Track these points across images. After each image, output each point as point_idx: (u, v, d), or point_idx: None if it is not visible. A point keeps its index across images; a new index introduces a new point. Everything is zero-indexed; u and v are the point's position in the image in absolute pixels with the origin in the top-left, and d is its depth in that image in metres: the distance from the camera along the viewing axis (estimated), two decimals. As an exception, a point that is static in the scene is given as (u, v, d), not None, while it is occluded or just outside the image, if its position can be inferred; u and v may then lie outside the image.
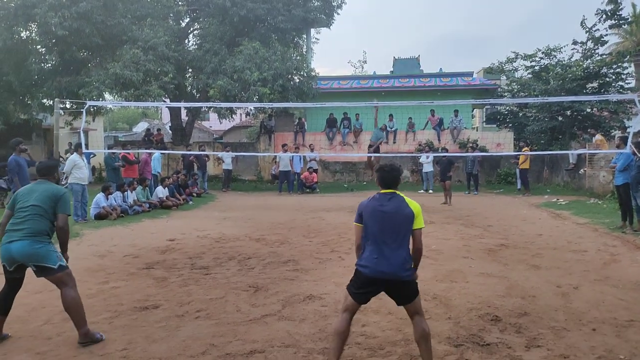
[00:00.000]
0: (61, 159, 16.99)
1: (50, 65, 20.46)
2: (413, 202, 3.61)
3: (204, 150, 20.07)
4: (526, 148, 17.81)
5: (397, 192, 3.67)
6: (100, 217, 11.31)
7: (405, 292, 3.55)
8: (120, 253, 7.83)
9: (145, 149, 18.06)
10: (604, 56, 20.42)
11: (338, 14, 23.04)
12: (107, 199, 11.77)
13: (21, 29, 19.48)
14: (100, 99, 18.68)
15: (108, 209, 11.50)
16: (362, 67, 43.61)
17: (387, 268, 3.44)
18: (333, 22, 23.28)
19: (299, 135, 22.55)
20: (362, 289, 3.54)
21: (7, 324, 4.58)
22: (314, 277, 6.30)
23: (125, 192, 12.65)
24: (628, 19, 22.98)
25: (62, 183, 18.13)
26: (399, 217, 3.53)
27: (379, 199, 3.64)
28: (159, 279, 6.23)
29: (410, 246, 3.61)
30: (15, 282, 4.28)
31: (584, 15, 20.50)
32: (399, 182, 3.72)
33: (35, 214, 4.14)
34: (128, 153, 14.69)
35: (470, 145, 19.58)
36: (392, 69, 28.26)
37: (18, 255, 4.05)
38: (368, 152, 16.09)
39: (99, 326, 4.51)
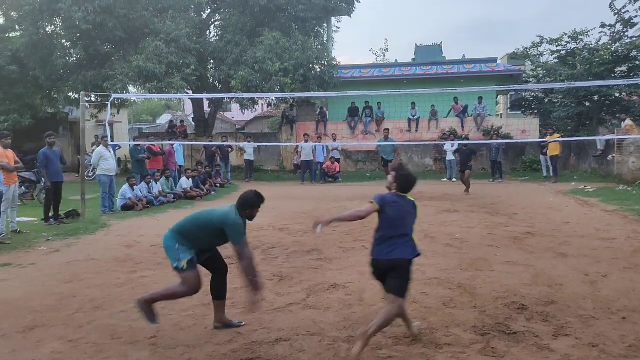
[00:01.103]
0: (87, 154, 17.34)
1: (75, 59, 20.83)
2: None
3: (226, 141, 20.22)
4: (557, 135, 17.41)
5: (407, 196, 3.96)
6: (126, 208, 11.52)
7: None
8: (147, 243, 7.96)
9: (169, 140, 18.28)
10: (634, 39, 19.81)
11: (359, 1, 22.85)
12: (133, 190, 11.96)
13: (46, 24, 19.83)
14: (125, 92, 18.94)
15: (134, 200, 11.71)
16: (384, 55, 43.22)
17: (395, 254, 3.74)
18: (354, 10, 23.09)
19: (321, 125, 22.52)
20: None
21: (39, 312, 4.72)
22: (338, 266, 6.32)
23: (150, 183, 12.83)
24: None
25: (90, 175, 18.54)
26: (410, 215, 3.90)
27: (399, 197, 3.91)
28: (185, 269, 6.31)
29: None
30: (212, 268, 4.42)
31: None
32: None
33: (196, 220, 4.29)
34: (153, 145, 14.90)
35: (495, 132, 19.31)
36: (414, 57, 27.93)
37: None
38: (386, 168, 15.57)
39: (127, 314, 4.62)
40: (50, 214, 9.98)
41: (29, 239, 8.42)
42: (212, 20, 24.10)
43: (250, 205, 4.32)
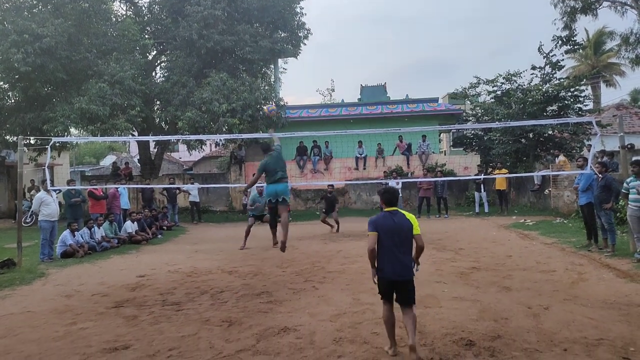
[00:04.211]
0: (25, 199, 16.57)
1: (13, 101, 20.03)
2: (410, 215, 4.66)
3: (173, 183, 19.85)
4: (504, 170, 18.37)
5: (398, 209, 4.67)
6: (66, 255, 11.02)
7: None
8: (88, 292, 7.62)
9: (113, 183, 17.78)
10: (562, 80, 21.11)
11: (305, 44, 23.39)
12: (74, 235, 11.48)
13: (-18, 67, 19.06)
14: (66, 134, 18.32)
15: (75, 246, 11.22)
16: (331, 95, 44.22)
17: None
18: (300, 52, 23.60)
19: (270, 165, 22.50)
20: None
21: None
22: (288, 309, 6.25)
23: (93, 228, 12.36)
24: (582, 44, 23.94)
25: (27, 221, 17.62)
26: (404, 229, 4.56)
27: (387, 216, 4.60)
28: (129, 318, 6.08)
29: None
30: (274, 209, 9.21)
31: (540, 41, 21.20)
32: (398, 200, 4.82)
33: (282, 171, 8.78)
34: (95, 188, 14.43)
35: (439, 169, 19.94)
36: (359, 97, 28.71)
37: (280, 191, 8.62)
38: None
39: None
40: (-17, 264, 9.40)
41: (-42, 292, 7.88)
42: (158, 61, 23.99)
43: (264, 145, 8.36)
